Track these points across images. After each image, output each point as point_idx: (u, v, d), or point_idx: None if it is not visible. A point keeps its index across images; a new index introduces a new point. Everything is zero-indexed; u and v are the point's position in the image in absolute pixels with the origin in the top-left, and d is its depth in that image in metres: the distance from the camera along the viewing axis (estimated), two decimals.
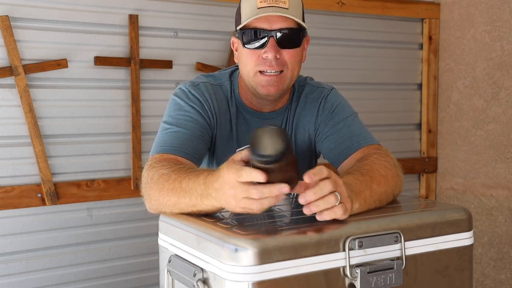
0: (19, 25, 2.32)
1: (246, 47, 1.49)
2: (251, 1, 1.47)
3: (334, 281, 1.07)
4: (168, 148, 1.42)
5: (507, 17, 2.94)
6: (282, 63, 1.48)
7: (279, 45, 1.47)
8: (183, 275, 1.15)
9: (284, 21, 1.46)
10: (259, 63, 1.48)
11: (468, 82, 3.15)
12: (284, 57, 1.48)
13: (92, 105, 2.48)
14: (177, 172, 1.26)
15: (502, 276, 3.00)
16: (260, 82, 1.49)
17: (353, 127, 1.55)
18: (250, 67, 1.49)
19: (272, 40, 1.46)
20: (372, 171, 1.30)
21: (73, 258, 2.48)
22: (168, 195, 1.24)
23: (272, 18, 1.45)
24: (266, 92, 1.50)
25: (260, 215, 1.20)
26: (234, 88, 1.62)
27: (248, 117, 1.61)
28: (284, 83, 1.51)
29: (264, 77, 1.48)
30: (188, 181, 1.21)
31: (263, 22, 1.45)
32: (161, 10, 2.60)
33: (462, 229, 1.23)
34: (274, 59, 1.46)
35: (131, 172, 2.55)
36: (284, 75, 1.49)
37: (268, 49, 1.46)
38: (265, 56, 1.47)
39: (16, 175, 2.35)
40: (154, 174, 1.31)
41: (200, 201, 1.18)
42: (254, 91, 1.53)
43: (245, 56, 1.51)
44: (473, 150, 3.12)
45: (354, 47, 3.12)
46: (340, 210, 1.09)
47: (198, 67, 2.67)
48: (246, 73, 1.52)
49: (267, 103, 1.59)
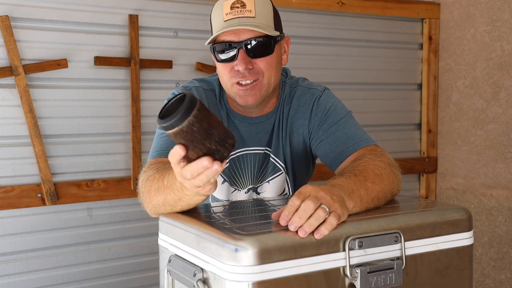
0: (19, 25, 2.33)
1: (218, 61, 1.50)
2: (218, 14, 1.48)
3: (334, 281, 1.07)
4: (163, 152, 1.43)
5: (507, 17, 2.94)
6: (257, 72, 1.48)
7: (250, 55, 1.46)
8: (183, 275, 1.15)
9: (252, 31, 1.45)
10: (233, 75, 1.48)
11: (468, 82, 3.15)
12: (258, 66, 1.48)
13: (92, 105, 2.49)
14: (160, 171, 1.27)
15: (502, 276, 3.00)
16: (237, 93, 1.50)
17: (348, 128, 1.53)
18: (227, 79, 1.50)
19: (242, 52, 1.45)
20: (366, 171, 1.29)
21: (73, 258, 2.48)
22: (156, 195, 1.25)
23: (239, 29, 1.45)
24: (244, 103, 1.51)
25: (260, 216, 1.20)
26: (222, 94, 1.63)
27: (238, 123, 1.61)
28: (262, 91, 1.50)
29: (241, 88, 1.49)
30: (168, 176, 1.21)
31: (231, 34, 1.45)
32: (161, 10, 2.60)
33: (462, 229, 1.23)
34: (247, 70, 1.46)
35: (131, 172, 2.55)
36: (259, 82, 1.49)
37: (239, 62, 1.46)
38: (237, 69, 1.47)
39: (16, 175, 2.35)
40: (143, 178, 1.33)
41: (182, 192, 1.17)
42: (235, 101, 1.54)
43: (220, 69, 1.52)
44: (473, 150, 3.12)
45: (354, 47, 3.12)
46: (334, 219, 1.08)
47: (198, 67, 2.67)
48: (225, 85, 1.53)
49: (252, 110, 1.59)
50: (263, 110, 1.60)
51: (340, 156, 1.50)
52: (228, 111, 1.62)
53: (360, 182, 1.23)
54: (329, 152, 1.53)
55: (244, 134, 1.61)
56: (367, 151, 1.45)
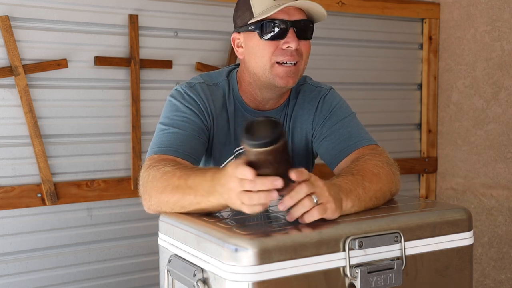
0: (19, 25, 2.32)
1: (264, 38, 1.48)
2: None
3: (334, 281, 1.08)
4: (166, 149, 1.42)
5: (507, 17, 2.94)
6: (300, 54, 1.50)
7: (298, 36, 1.48)
8: (183, 275, 1.15)
9: (300, 13, 1.48)
10: (277, 54, 1.48)
11: (468, 82, 3.15)
12: (301, 49, 1.50)
13: (92, 105, 2.48)
14: (182, 170, 1.27)
15: (502, 276, 3.00)
16: (278, 74, 1.49)
17: (351, 127, 1.55)
18: (267, 58, 1.49)
19: (292, 31, 1.47)
20: (363, 170, 1.30)
21: (73, 258, 2.48)
22: (171, 192, 1.24)
23: (289, 10, 1.47)
24: (284, 83, 1.50)
25: (260, 215, 1.20)
26: (233, 87, 1.61)
27: (248, 116, 1.60)
28: (299, 74, 1.52)
29: (282, 68, 1.48)
30: (195, 177, 1.21)
31: (281, 13, 1.47)
32: (161, 10, 2.60)
33: (462, 229, 1.23)
34: (295, 49, 1.48)
35: (131, 172, 2.55)
36: (299, 66, 1.51)
37: (290, 39, 1.47)
38: (286, 47, 1.47)
39: (16, 175, 2.35)
40: (156, 173, 1.30)
41: (205, 198, 1.18)
42: (269, 84, 1.52)
43: (262, 47, 1.50)
44: (473, 150, 3.12)
45: (354, 47, 3.12)
46: (316, 212, 1.10)
47: (198, 67, 2.67)
48: (262, 66, 1.51)
49: (273, 98, 1.58)
50: (278, 102, 1.61)
51: (341, 154, 1.51)
52: (239, 104, 1.60)
53: (358, 182, 1.24)
54: (331, 149, 1.54)
55: None
56: (367, 150, 1.46)
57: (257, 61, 1.52)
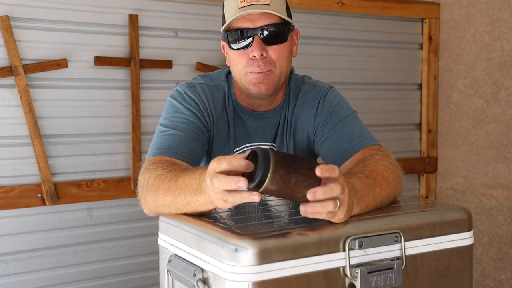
0: (19, 25, 2.33)
1: (233, 48, 1.49)
2: (232, 2, 1.47)
3: (334, 281, 1.07)
4: (165, 150, 1.42)
5: (507, 17, 2.94)
6: (270, 62, 1.48)
7: (264, 42, 1.46)
8: (183, 275, 1.15)
9: (267, 18, 1.46)
10: (248, 64, 1.48)
11: (468, 82, 3.15)
12: (271, 55, 1.48)
13: (92, 105, 2.49)
14: (173, 172, 1.26)
15: (502, 276, 3.00)
16: (250, 80, 1.49)
17: (353, 127, 1.54)
18: (241, 67, 1.49)
19: (257, 38, 1.46)
20: (375, 172, 1.28)
21: (73, 258, 2.48)
22: (164, 195, 1.24)
23: (254, 17, 1.45)
24: (257, 91, 1.50)
25: (260, 216, 1.20)
26: (230, 89, 1.61)
27: (245, 117, 1.60)
28: (274, 81, 1.50)
29: (253, 75, 1.48)
30: (184, 177, 1.20)
31: (246, 21, 1.45)
32: (161, 10, 2.60)
33: (462, 229, 1.23)
34: (261, 57, 1.46)
35: (131, 172, 2.55)
36: (272, 73, 1.49)
37: (254, 48, 1.45)
38: (252, 56, 1.46)
39: (16, 175, 2.35)
40: (150, 176, 1.30)
41: (194, 197, 1.16)
42: (247, 91, 1.53)
43: (233, 57, 1.51)
44: (473, 150, 3.12)
45: (354, 47, 3.12)
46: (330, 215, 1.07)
47: (198, 67, 2.67)
48: (238, 74, 1.52)
49: (262, 102, 1.58)
50: (271, 103, 1.60)
51: (344, 154, 1.50)
52: (236, 106, 1.60)
53: (370, 187, 1.22)
54: (333, 150, 1.53)
55: (251, 129, 1.61)
56: (372, 151, 1.44)
57: (234, 69, 1.53)
